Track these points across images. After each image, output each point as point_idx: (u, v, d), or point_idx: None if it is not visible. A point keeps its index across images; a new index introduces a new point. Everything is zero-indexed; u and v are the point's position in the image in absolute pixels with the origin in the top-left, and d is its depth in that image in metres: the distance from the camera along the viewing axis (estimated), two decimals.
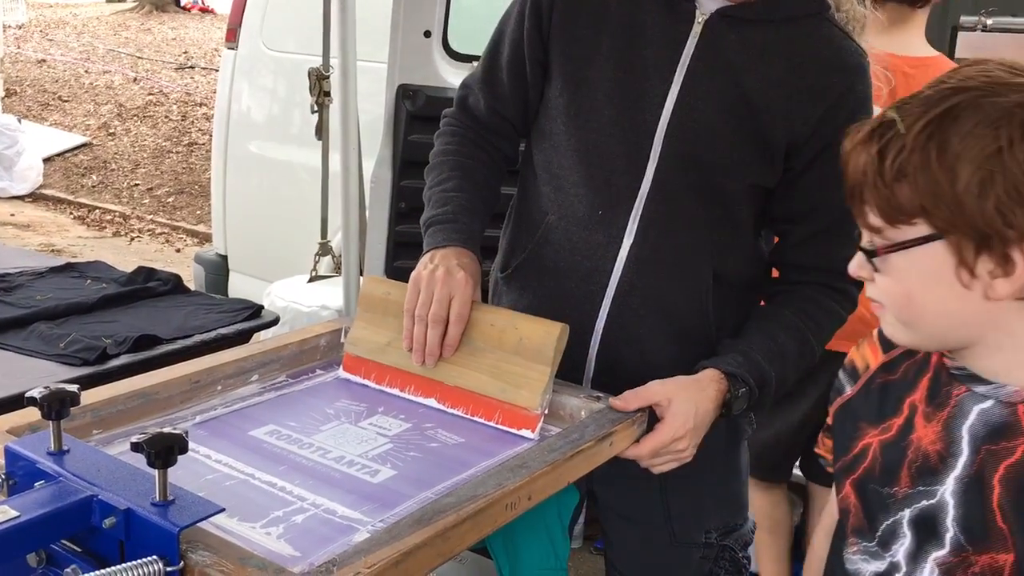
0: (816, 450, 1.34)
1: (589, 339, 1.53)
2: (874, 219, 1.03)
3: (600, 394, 1.43)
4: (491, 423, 1.40)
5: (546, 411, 1.39)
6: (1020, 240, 0.94)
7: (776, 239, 1.65)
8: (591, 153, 1.49)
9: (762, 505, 2.70)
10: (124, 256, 6.54)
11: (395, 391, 1.48)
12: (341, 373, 1.54)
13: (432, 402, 1.45)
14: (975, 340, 1.03)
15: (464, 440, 1.37)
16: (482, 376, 1.42)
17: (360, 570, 0.95)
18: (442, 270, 1.42)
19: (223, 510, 0.98)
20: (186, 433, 0.99)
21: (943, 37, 3.94)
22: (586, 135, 1.49)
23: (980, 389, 1.05)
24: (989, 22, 3.00)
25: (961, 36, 3.07)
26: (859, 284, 1.56)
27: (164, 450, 0.95)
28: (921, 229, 0.99)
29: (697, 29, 1.44)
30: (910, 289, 1.03)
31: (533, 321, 1.42)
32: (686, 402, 1.37)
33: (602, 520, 1.70)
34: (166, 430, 0.98)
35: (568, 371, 1.52)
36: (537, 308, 1.52)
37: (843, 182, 1.42)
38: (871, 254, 1.05)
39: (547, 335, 1.39)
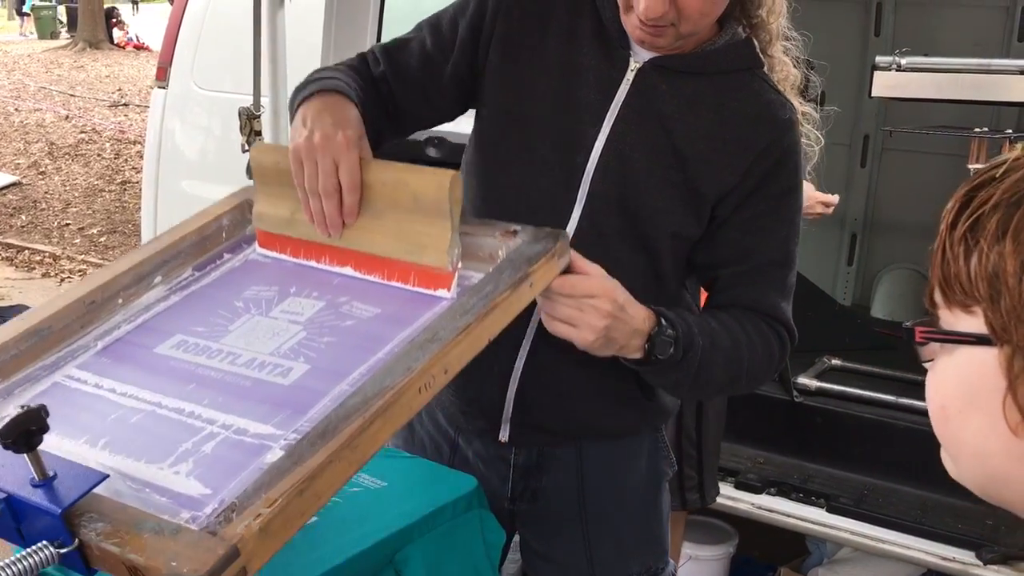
0: None
1: (508, 378, 1.50)
2: (936, 289, 0.72)
3: (517, 227, 1.31)
4: (407, 286, 1.30)
5: (459, 265, 1.28)
6: None
7: (703, 290, 1.59)
8: (519, 190, 1.47)
9: None
10: None
11: (312, 263, 1.37)
12: (257, 250, 1.42)
13: (348, 270, 1.34)
14: None
15: (380, 311, 1.27)
16: (387, 239, 1.31)
17: (261, 511, 0.88)
18: (319, 135, 1.29)
19: (107, 477, 0.93)
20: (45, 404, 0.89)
21: (864, 76, 4.09)
22: (516, 169, 1.47)
23: None
24: (903, 62, 3.11)
25: (877, 75, 3.18)
26: (788, 330, 1.45)
27: (22, 436, 0.87)
28: (976, 323, 0.66)
29: (630, 76, 1.44)
30: (945, 402, 0.70)
31: (422, 173, 1.28)
32: (621, 288, 1.31)
33: (524, 561, 1.67)
34: (23, 407, 0.89)
35: (486, 409, 1.50)
36: None
37: (772, 227, 1.32)
38: (910, 332, 0.72)
39: (440, 188, 1.25)
